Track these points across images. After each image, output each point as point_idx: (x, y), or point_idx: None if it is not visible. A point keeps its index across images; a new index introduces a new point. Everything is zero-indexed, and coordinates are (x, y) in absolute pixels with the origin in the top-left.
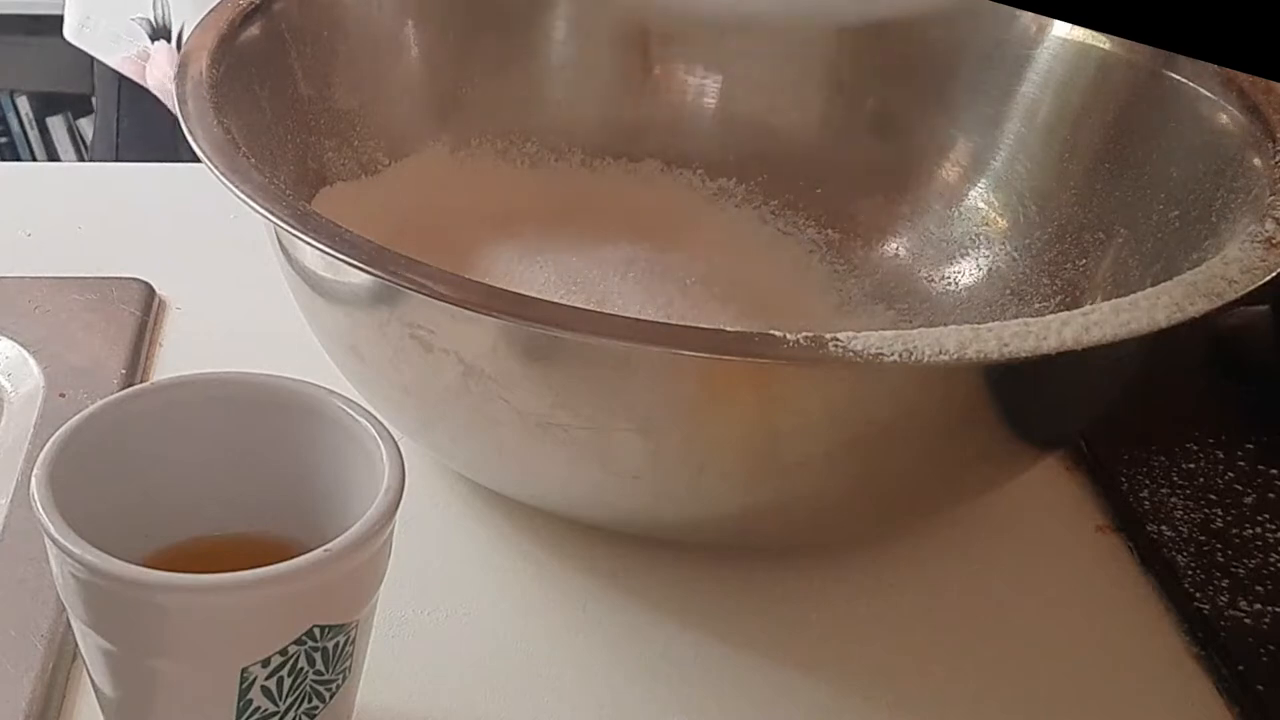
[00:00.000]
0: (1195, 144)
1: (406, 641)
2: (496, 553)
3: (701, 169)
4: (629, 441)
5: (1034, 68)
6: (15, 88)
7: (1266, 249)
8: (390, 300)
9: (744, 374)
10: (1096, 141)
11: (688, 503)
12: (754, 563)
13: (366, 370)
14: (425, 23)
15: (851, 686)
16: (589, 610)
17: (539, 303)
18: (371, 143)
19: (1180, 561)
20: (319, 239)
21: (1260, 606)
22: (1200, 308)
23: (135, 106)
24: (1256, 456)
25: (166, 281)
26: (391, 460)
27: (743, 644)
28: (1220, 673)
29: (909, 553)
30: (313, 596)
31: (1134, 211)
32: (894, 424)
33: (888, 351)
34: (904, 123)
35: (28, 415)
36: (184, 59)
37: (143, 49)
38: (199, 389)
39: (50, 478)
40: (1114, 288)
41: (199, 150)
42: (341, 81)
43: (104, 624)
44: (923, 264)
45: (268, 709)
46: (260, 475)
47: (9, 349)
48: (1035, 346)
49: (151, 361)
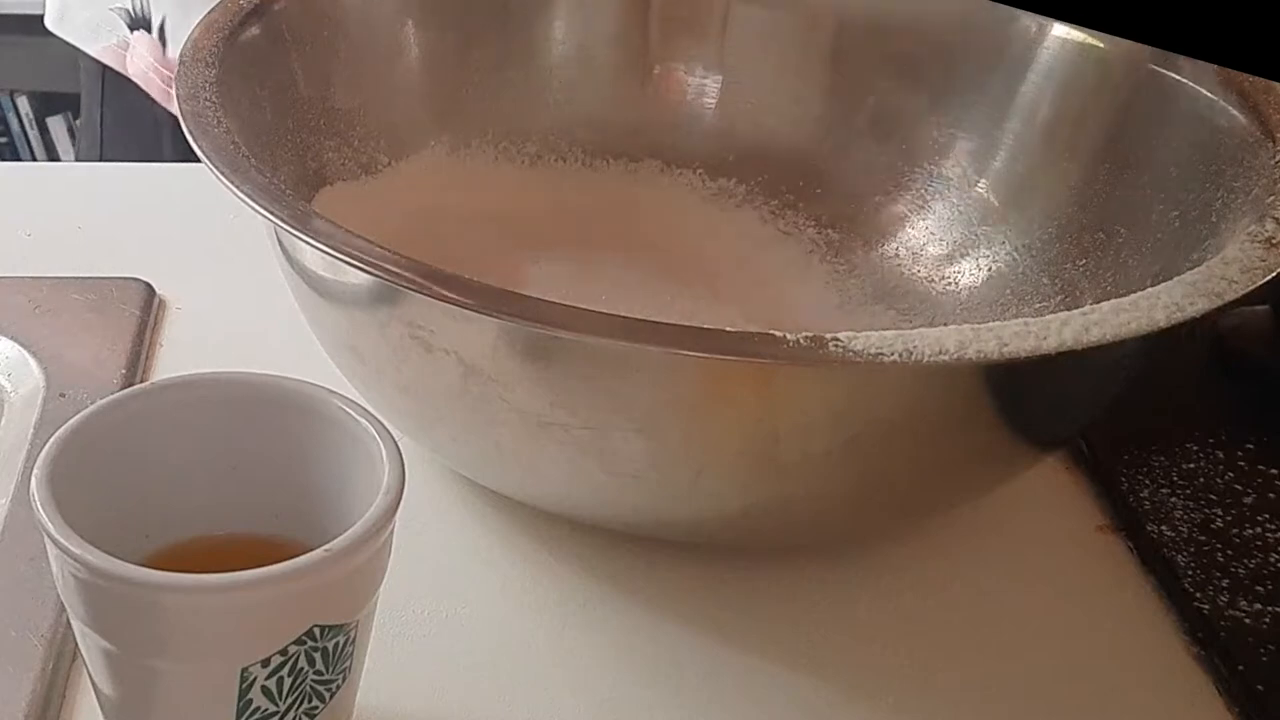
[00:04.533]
0: (1195, 144)
1: (406, 641)
2: (496, 553)
3: (701, 169)
4: (629, 442)
5: (1034, 68)
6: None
7: (1266, 249)
8: (390, 300)
9: (744, 374)
10: (1096, 141)
11: (687, 503)
12: (754, 563)
13: (366, 370)
14: (425, 23)
15: (852, 686)
16: (589, 610)
17: (539, 303)
18: (372, 142)
19: (1180, 561)
20: (319, 239)
21: (1260, 606)
22: (1200, 308)
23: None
24: (1256, 456)
25: (166, 281)
26: (391, 460)
27: (743, 644)
28: (1220, 673)
29: (909, 552)
30: (313, 596)
31: (1134, 211)
32: (894, 424)
33: (887, 351)
34: (904, 122)
35: (28, 415)
36: (184, 59)
37: (122, 38)
38: (199, 389)
39: (50, 478)
40: (1114, 288)
41: (199, 150)
42: (342, 81)
43: (104, 624)
44: (923, 264)
45: (268, 709)
46: (260, 475)
47: (9, 349)
48: (1035, 346)
49: (151, 361)
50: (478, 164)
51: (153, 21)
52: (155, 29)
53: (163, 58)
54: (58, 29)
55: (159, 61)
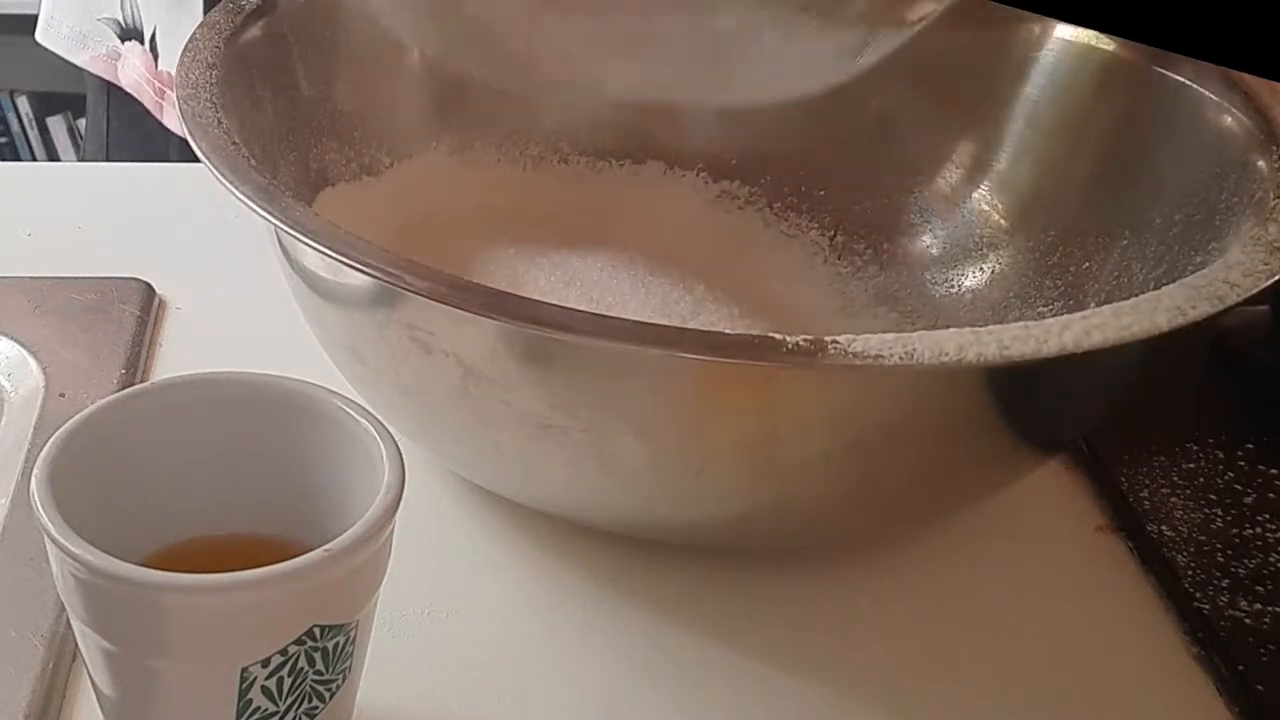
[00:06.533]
0: (1199, 146)
1: (406, 641)
2: (496, 553)
3: (704, 171)
4: (628, 444)
5: (1038, 70)
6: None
7: (1269, 252)
8: (390, 302)
9: (743, 377)
10: (1100, 144)
11: (687, 505)
12: (754, 565)
13: (366, 371)
14: (427, 23)
15: (851, 687)
16: (589, 611)
17: (539, 305)
18: (373, 144)
19: (1180, 561)
20: (319, 241)
21: (1260, 606)
22: (1202, 311)
23: (125, 107)
24: (1256, 456)
25: (166, 281)
26: (391, 460)
27: (742, 645)
28: (1220, 673)
29: (908, 553)
30: (313, 596)
31: (1137, 214)
32: (894, 427)
33: (888, 354)
34: (907, 124)
35: (28, 415)
36: (185, 59)
37: (111, 48)
38: (199, 389)
39: (50, 478)
40: (1117, 291)
41: (199, 151)
42: (343, 82)
43: (104, 624)
44: (926, 266)
45: (268, 709)
46: (260, 475)
47: (9, 349)
48: (1036, 350)
49: (151, 361)
50: (479, 165)
51: (144, 32)
52: (147, 40)
53: (154, 69)
54: (44, 39)
55: (151, 73)
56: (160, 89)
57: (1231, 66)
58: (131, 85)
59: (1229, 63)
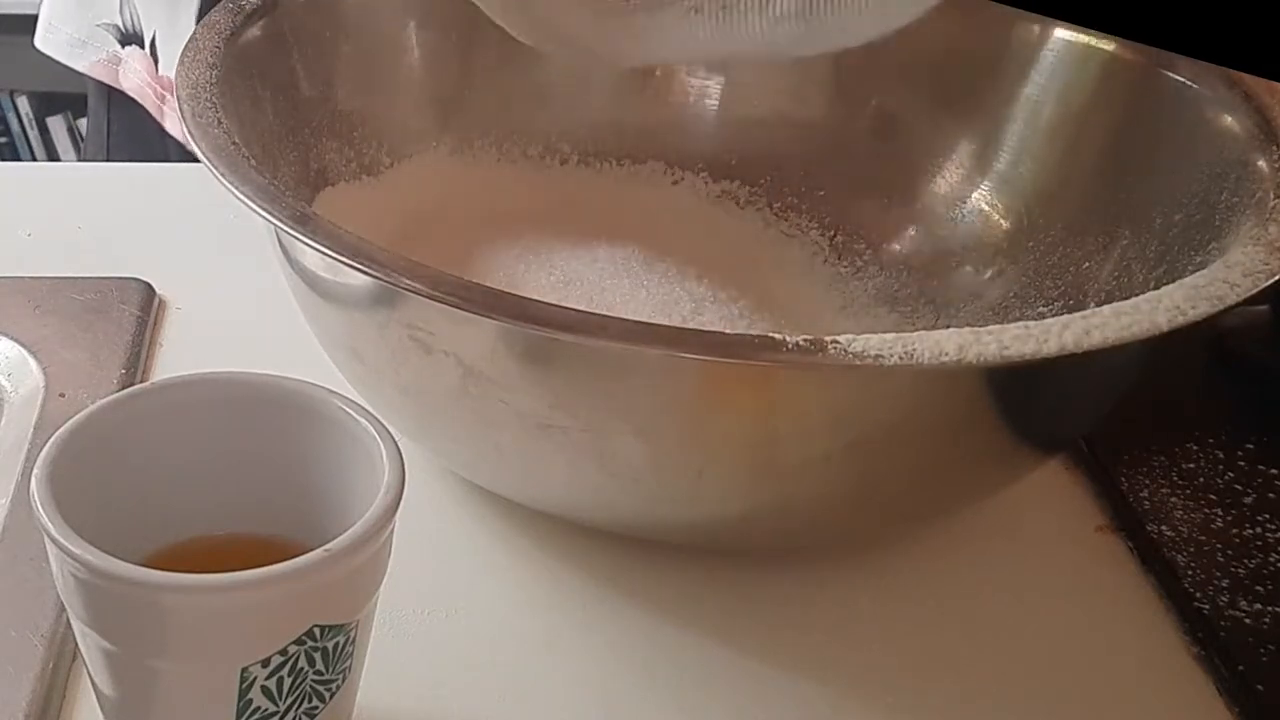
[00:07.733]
0: (1199, 146)
1: (406, 641)
2: (496, 553)
3: (705, 171)
4: (628, 444)
5: (1037, 69)
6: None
7: (1269, 252)
8: (390, 302)
9: (743, 377)
10: (1100, 144)
11: (687, 505)
12: (754, 564)
13: (366, 371)
14: (427, 23)
15: (851, 688)
16: (589, 611)
17: (539, 305)
18: (373, 144)
19: (1180, 561)
20: (319, 241)
21: (1260, 606)
22: (1202, 311)
23: (126, 109)
24: (1256, 456)
25: (166, 281)
26: (391, 460)
27: (742, 645)
28: (1220, 673)
29: (908, 553)
30: (313, 596)
31: (1137, 214)
32: (894, 427)
33: (888, 354)
34: (907, 124)
35: (28, 415)
36: (185, 58)
37: (111, 53)
38: (199, 389)
39: (50, 478)
40: (1117, 291)
41: (199, 151)
42: (343, 82)
43: (104, 624)
44: (926, 266)
45: (268, 709)
46: (260, 475)
47: (9, 349)
48: (1036, 350)
49: (151, 361)
50: (479, 166)
51: (145, 37)
52: (147, 44)
53: (155, 74)
54: (44, 46)
55: (152, 77)
56: (161, 94)
57: (1231, 66)
58: (134, 90)
59: (1229, 63)
